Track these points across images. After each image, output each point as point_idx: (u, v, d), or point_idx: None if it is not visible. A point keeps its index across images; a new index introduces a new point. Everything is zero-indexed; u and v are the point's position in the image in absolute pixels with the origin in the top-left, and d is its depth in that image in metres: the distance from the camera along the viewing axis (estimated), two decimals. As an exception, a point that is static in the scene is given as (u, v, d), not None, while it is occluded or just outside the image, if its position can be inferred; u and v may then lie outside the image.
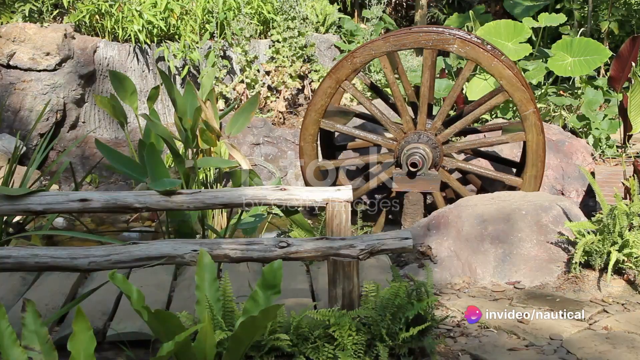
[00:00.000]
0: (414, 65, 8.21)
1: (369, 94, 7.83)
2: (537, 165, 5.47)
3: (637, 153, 6.64)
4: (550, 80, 7.84)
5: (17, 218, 5.24)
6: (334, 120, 5.85)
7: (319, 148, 6.27)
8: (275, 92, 7.88)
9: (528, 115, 5.40)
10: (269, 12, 8.07)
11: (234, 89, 7.72)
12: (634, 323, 3.87)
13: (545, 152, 5.51)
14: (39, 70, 7.11)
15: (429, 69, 5.59)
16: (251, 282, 3.85)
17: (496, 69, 5.40)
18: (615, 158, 6.61)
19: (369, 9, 8.78)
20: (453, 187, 5.79)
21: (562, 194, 6.11)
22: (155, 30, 7.62)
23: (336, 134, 6.56)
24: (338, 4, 9.26)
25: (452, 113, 6.81)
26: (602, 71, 8.45)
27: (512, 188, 5.61)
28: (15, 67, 7.08)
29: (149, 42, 7.62)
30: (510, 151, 6.44)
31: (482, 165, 6.08)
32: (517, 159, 6.19)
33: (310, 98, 6.77)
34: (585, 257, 4.44)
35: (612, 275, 4.36)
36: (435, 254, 4.64)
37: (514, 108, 7.14)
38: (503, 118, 7.28)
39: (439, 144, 5.63)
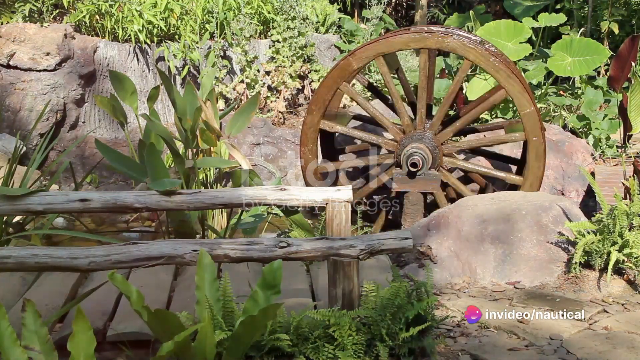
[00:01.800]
0: (414, 65, 8.21)
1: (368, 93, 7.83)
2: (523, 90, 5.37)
3: (637, 153, 6.64)
4: (550, 80, 7.85)
5: (17, 218, 5.23)
6: (334, 122, 5.88)
7: (319, 149, 6.27)
8: (275, 92, 7.88)
9: (466, 52, 5.34)
10: (269, 12, 8.07)
11: (234, 89, 7.72)
12: (634, 323, 3.86)
13: (522, 75, 5.40)
14: (39, 70, 7.11)
15: (356, 95, 5.72)
16: (251, 282, 3.85)
17: (410, 42, 5.43)
18: (615, 158, 6.61)
19: (369, 9, 8.78)
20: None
21: (562, 194, 6.11)
22: (155, 30, 7.62)
23: (336, 134, 6.56)
24: (338, 4, 9.27)
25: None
26: (602, 71, 8.45)
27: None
28: (15, 67, 7.08)
29: (149, 42, 7.62)
30: (511, 151, 6.45)
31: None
32: (518, 157, 6.20)
33: (311, 96, 6.77)
34: (585, 257, 4.44)
35: (612, 275, 4.36)
36: (435, 254, 4.64)
37: (514, 108, 7.14)
38: (503, 118, 7.28)
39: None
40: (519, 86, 5.33)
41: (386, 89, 7.47)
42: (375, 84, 7.73)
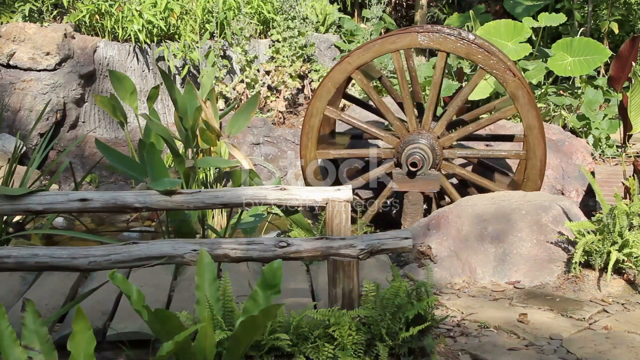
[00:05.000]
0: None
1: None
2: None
3: (637, 153, 6.64)
4: (550, 80, 7.84)
5: (17, 218, 5.24)
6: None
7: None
8: (275, 92, 7.88)
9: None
10: (268, 12, 8.07)
11: (234, 89, 7.72)
12: (634, 323, 3.87)
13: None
14: (39, 70, 7.11)
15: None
16: (251, 282, 3.86)
17: (373, 51, 5.47)
18: (615, 158, 6.61)
19: (369, 9, 8.78)
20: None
21: (562, 193, 6.11)
22: (155, 30, 7.62)
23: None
24: (338, 4, 9.27)
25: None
26: (602, 71, 8.45)
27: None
28: (15, 67, 7.09)
29: (149, 42, 7.62)
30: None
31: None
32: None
33: (310, 97, 6.76)
34: (585, 257, 4.44)
35: (612, 275, 4.36)
36: (435, 253, 4.64)
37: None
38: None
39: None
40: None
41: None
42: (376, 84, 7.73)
